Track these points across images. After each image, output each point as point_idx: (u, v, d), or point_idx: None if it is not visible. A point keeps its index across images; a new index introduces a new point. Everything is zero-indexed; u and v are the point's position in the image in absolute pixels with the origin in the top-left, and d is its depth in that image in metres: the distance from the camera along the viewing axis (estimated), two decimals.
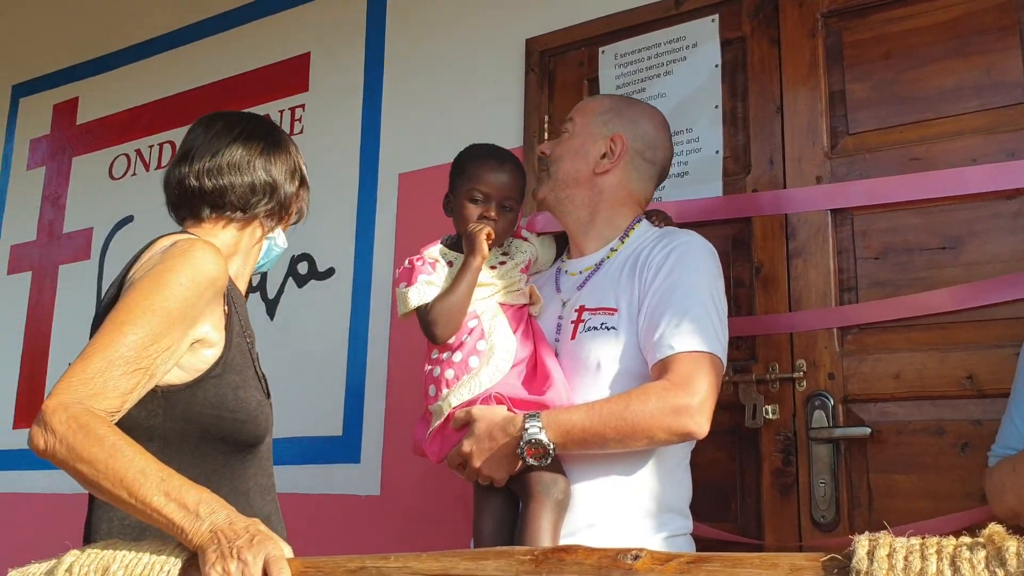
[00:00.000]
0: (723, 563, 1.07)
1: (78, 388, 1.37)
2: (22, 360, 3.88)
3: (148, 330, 1.44)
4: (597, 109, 1.98)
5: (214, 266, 1.55)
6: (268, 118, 1.89)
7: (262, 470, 1.69)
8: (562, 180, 1.96)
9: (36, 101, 4.21)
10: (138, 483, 1.30)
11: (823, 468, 2.15)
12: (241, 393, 1.61)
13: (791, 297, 2.27)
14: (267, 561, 1.24)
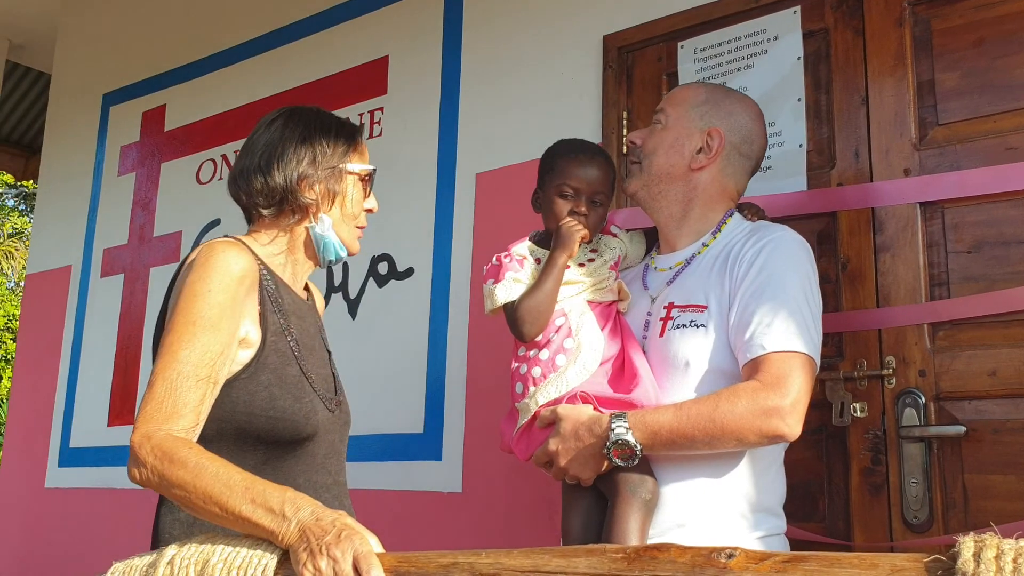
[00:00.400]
0: (820, 562, 1.06)
1: (153, 416, 1.47)
2: (116, 360, 4.01)
3: (196, 343, 1.52)
4: (692, 100, 1.92)
5: (236, 263, 1.60)
6: (298, 107, 1.85)
7: (316, 467, 1.71)
8: (655, 175, 1.92)
9: (126, 109, 4.35)
10: (225, 496, 1.37)
11: (915, 467, 2.10)
12: (275, 391, 1.63)
13: (879, 293, 2.22)
14: (356, 557, 1.26)
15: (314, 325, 1.82)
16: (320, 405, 1.72)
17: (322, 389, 1.74)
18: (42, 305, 4.48)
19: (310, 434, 1.68)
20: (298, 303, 1.78)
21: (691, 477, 1.73)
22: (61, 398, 4.20)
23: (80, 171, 4.47)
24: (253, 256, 1.67)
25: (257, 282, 1.65)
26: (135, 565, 1.41)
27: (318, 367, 1.76)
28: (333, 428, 1.75)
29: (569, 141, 1.98)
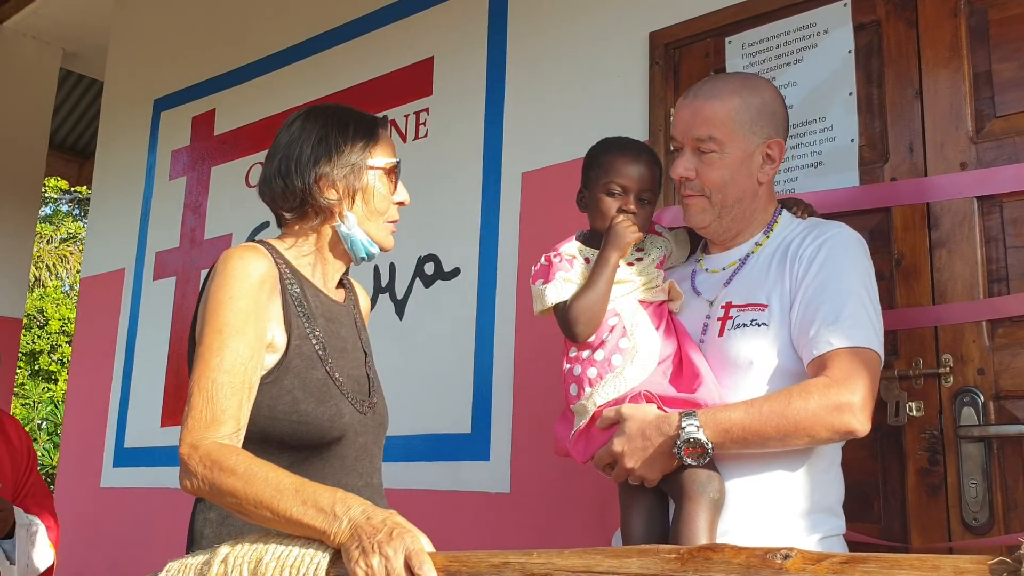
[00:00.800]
0: (879, 564, 1.03)
1: (195, 426, 1.51)
2: (168, 361, 4.07)
3: (225, 351, 1.54)
4: (738, 117, 1.81)
5: (254, 267, 1.61)
6: (317, 105, 1.85)
7: (345, 470, 1.70)
8: (730, 205, 1.84)
9: (176, 114, 4.42)
10: (275, 500, 1.39)
11: (974, 468, 2.05)
12: (298, 395, 1.64)
13: (935, 289, 2.17)
14: (408, 554, 1.26)
15: (348, 326, 1.81)
16: (348, 408, 1.71)
17: (352, 391, 1.73)
18: (97, 308, 4.57)
19: (336, 437, 1.68)
20: (328, 305, 1.78)
21: (752, 475, 1.71)
22: (116, 399, 4.28)
23: (132, 176, 4.55)
24: (273, 259, 1.67)
25: (278, 285, 1.66)
26: (189, 564, 1.43)
27: (349, 369, 1.75)
28: (364, 430, 1.74)
29: (615, 139, 1.95)
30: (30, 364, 15.45)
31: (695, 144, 1.82)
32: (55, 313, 16.14)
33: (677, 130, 1.86)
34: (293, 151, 1.74)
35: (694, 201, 1.85)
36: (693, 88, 1.88)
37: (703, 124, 1.81)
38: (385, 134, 1.81)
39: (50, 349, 15.92)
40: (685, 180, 1.84)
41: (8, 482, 2.91)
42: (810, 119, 2.45)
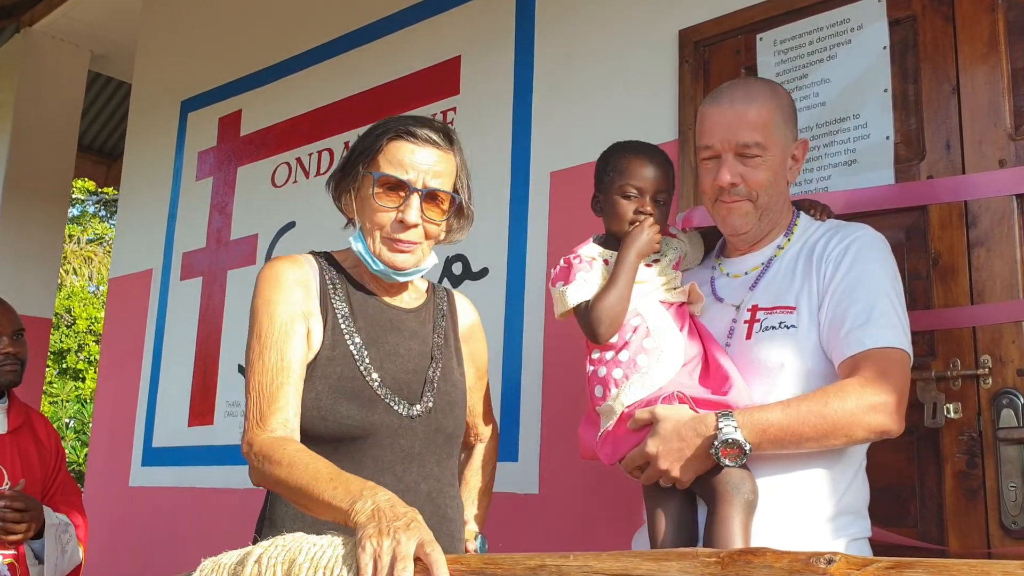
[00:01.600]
0: (927, 569, 1.01)
1: (250, 426, 1.63)
2: (195, 361, 4.09)
3: (264, 355, 1.67)
4: (774, 120, 1.82)
5: (283, 272, 1.73)
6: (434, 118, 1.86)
7: (378, 470, 1.69)
8: (771, 207, 1.85)
9: (203, 115, 4.43)
10: (311, 485, 1.46)
11: (1013, 471, 2.01)
12: (322, 389, 1.69)
13: (973, 289, 2.13)
14: (422, 542, 1.26)
15: (411, 332, 1.82)
16: (383, 408, 1.71)
17: (395, 393, 1.73)
18: (125, 308, 4.60)
19: (359, 435, 1.69)
20: (380, 309, 1.80)
21: (779, 477, 1.69)
22: (144, 398, 4.30)
23: (160, 177, 4.57)
24: (319, 266, 1.78)
25: (315, 288, 1.75)
26: (223, 563, 1.41)
27: (396, 371, 1.75)
28: (406, 433, 1.73)
29: (627, 142, 1.95)
30: (58, 363, 15.60)
31: (739, 150, 1.81)
32: (82, 312, 16.29)
33: (714, 137, 1.83)
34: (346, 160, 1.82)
35: (739, 206, 1.84)
36: (722, 95, 1.86)
37: (748, 130, 1.80)
38: (401, 145, 1.74)
39: (77, 348, 16.06)
40: (730, 187, 1.82)
41: (37, 481, 2.93)
42: (844, 116, 2.41)
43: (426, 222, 1.76)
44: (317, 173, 3.82)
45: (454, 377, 1.85)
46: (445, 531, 1.71)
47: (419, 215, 1.74)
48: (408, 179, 1.73)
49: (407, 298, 1.87)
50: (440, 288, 1.97)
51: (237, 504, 3.69)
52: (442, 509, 1.74)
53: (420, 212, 1.74)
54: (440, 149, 1.77)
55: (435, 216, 1.77)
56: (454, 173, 1.81)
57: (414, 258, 1.77)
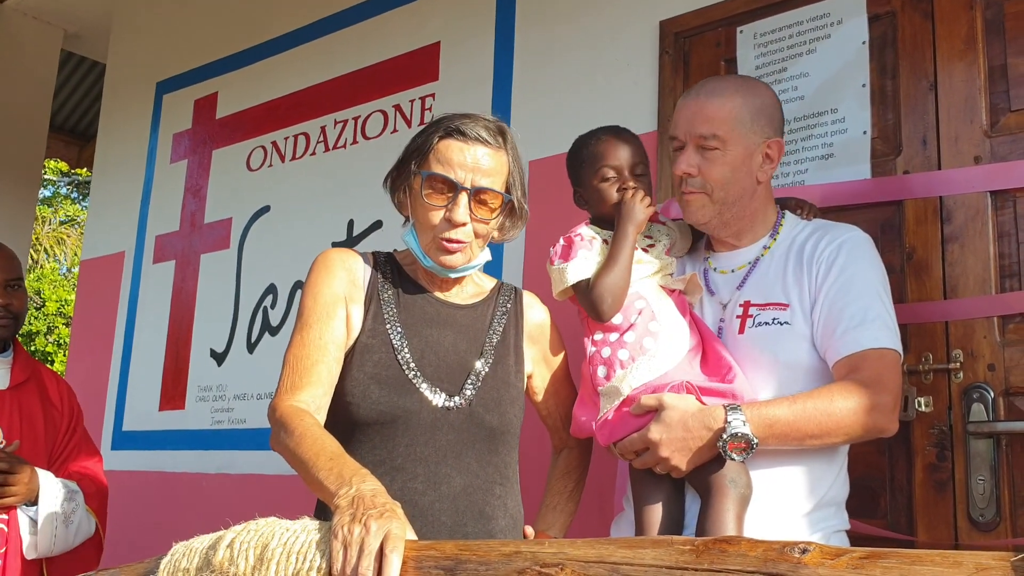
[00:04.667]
0: (900, 559, 1.02)
1: (281, 392, 1.68)
2: (167, 345, 4.05)
3: (304, 333, 1.73)
4: (739, 115, 1.82)
5: (331, 262, 1.80)
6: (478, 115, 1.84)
7: (398, 453, 1.70)
8: (731, 202, 1.85)
9: (178, 97, 4.38)
10: (313, 461, 1.48)
11: (982, 464, 2.04)
12: (356, 374, 1.73)
13: (946, 284, 2.15)
14: (387, 536, 1.26)
15: (461, 326, 1.82)
16: (418, 396, 1.72)
17: (434, 383, 1.74)
18: (96, 290, 4.54)
19: (388, 420, 1.70)
20: (428, 302, 1.83)
21: (770, 470, 1.71)
22: (114, 382, 4.25)
23: (134, 159, 4.52)
24: (370, 260, 1.85)
25: (364, 277, 1.81)
26: (195, 547, 1.41)
27: (437, 362, 1.76)
28: (441, 424, 1.72)
29: (585, 134, 1.96)
30: (27, 345, 15.42)
31: (698, 141, 1.83)
32: (52, 295, 16.10)
33: (679, 128, 1.87)
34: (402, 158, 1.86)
35: (694, 198, 1.86)
36: (694, 88, 1.90)
37: (706, 121, 1.82)
38: (451, 144, 1.75)
39: (47, 330, 15.89)
40: (687, 176, 1.84)
41: (40, 441, 2.62)
42: (822, 110, 2.43)
43: (475, 221, 1.76)
44: (293, 157, 3.80)
45: (508, 375, 1.83)
46: (483, 529, 1.69)
47: (467, 214, 1.75)
48: (456, 178, 1.74)
49: (463, 294, 1.88)
50: (508, 287, 1.95)
51: (208, 488, 3.67)
52: (479, 506, 1.72)
53: (469, 211, 1.75)
54: (491, 148, 1.77)
55: (484, 215, 1.77)
56: (505, 172, 1.80)
57: (464, 256, 1.79)
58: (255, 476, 3.51)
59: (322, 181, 3.66)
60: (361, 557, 1.25)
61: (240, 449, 3.62)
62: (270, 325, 3.68)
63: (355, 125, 3.61)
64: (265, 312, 3.71)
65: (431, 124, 1.82)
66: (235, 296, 3.83)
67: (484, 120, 1.80)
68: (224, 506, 3.50)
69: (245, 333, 3.75)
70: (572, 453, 2.00)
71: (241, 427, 3.66)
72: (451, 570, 1.23)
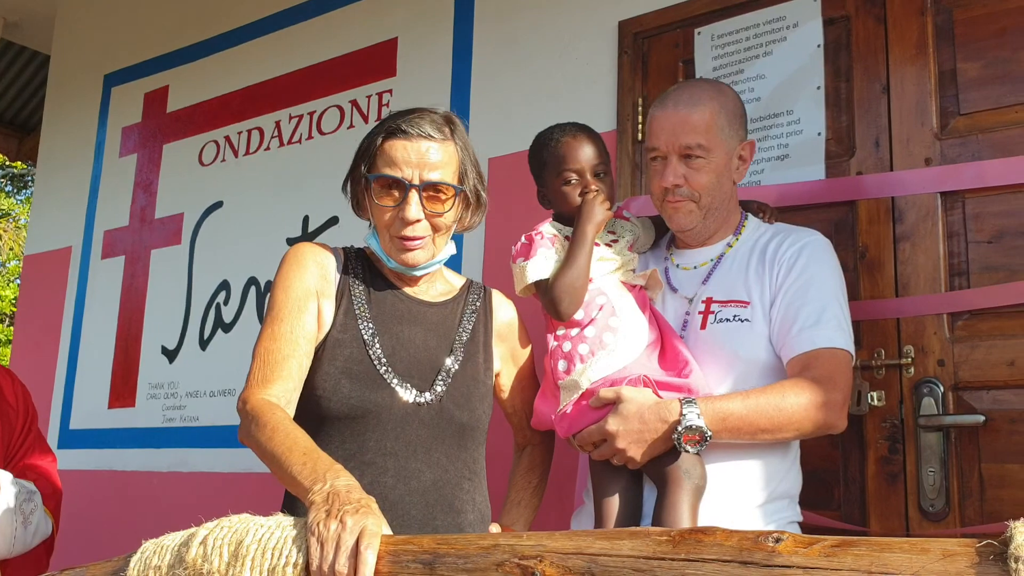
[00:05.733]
0: (870, 547, 1.05)
1: (250, 384, 1.67)
2: (116, 342, 3.98)
3: (274, 327, 1.72)
4: (718, 123, 1.87)
5: (302, 256, 1.80)
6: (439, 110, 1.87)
7: (369, 448, 1.70)
8: (715, 207, 1.91)
9: (128, 90, 4.30)
10: (285, 456, 1.47)
11: (932, 456, 2.10)
12: (327, 367, 1.72)
13: (898, 282, 2.22)
14: (362, 532, 1.27)
15: (431, 323, 1.83)
16: (389, 391, 1.72)
17: (404, 379, 1.74)
18: (41, 286, 4.44)
19: (359, 415, 1.70)
20: (398, 299, 1.83)
21: (726, 464, 1.75)
22: (61, 380, 4.17)
23: (80, 152, 4.42)
24: (341, 255, 1.84)
25: (335, 272, 1.81)
26: (166, 545, 1.39)
27: (408, 359, 1.76)
28: (411, 419, 1.73)
29: (547, 131, 1.98)
30: None
31: (683, 152, 1.86)
32: None
33: (659, 139, 1.89)
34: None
35: (683, 205, 1.90)
36: (668, 98, 1.91)
37: (691, 132, 1.85)
38: (394, 143, 1.75)
39: None
40: (674, 188, 1.87)
41: None
42: (777, 112, 2.48)
43: (430, 216, 1.76)
44: (247, 152, 3.76)
45: (477, 372, 1.84)
46: (452, 523, 1.71)
47: (420, 211, 1.75)
48: (404, 176, 1.74)
49: (433, 292, 1.89)
50: (477, 285, 1.96)
51: (159, 487, 3.62)
52: (448, 500, 1.73)
53: (421, 207, 1.75)
54: (436, 141, 1.77)
55: (438, 209, 1.77)
56: (455, 163, 1.80)
57: (426, 253, 1.79)
58: (208, 474, 3.48)
59: (277, 176, 3.63)
60: (337, 554, 1.25)
61: (193, 447, 3.58)
62: (223, 322, 3.64)
63: (311, 120, 3.58)
64: (218, 309, 3.67)
65: (376, 126, 1.82)
66: (187, 292, 3.78)
67: (430, 114, 1.81)
68: (176, 505, 3.46)
69: (197, 330, 3.71)
70: (536, 450, 2.02)
71: (194, 425, 3.61)
72: (429, 564, 1.24)
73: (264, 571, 1.30)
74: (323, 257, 1.82)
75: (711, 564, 1.10)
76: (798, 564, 1.06)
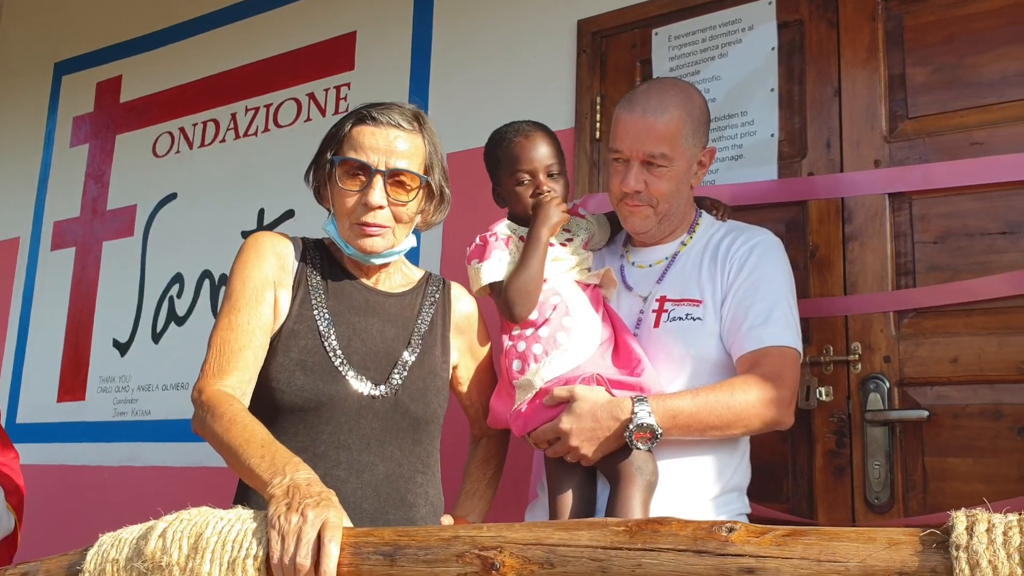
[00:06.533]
0: (819, 536, 1.09)
1: (206, 374, 1.66)
2: (66, 335, 3.92)
3: (231, 316, 1.71)
4: (682, 131, 1.88)
5: (260, 245, 1.79)
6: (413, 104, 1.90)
7: (322, 440, 1.70)
8: (671, 213, 1.94)
9: (79, 79, 4.23)
10: (243, 448, 1.47)
11: (878, 450, 2.16)
12: (281, 358, 1.72)
13: (846, 280, 2.28)
14: (324, 525, 1.28)
15: (388, 315, 1.82)
16: (343, 383, 1.71)
17: (360, 371, 1.74)
18: None
19: (312, 407, 1.69)
20: (355, 289, 1.83)
21: (677, 460, 1.79)
22: (7, 373, 4.09)
23: (29, 142, 4.34)
24: (300, 245, 1.84)
25: (292, 262, 1.80)
26: (124, 538, 1.39)
27: (364, 350, 1.76)
28: (366, 412, 1.73)
29: (502, 130, 1.98)
30: None
31: (646, 159, 1.87)
32: None
33: (624, 143, 1.89)
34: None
35: (639, 210, 1.92)
36: (637, 102, 1.91)
37: (656, 141, 1.87)
38: (363, 129, 1.77)
39: None
40: (634, 193, 1.89)
41: None
42: (732, 113, 2.52)
43: (393, 204, 1.76)
44: (202, 144, 3.72)
45: (434, 365, 1.84)
46: (404, 517, 1.71)
47: (383, 197, 1.74)
48: (370, 161, 1.74)
49: (391, 283, 1.88)
50: (436, 278, 1.96)
51: (110, 482, 3.57)
52: (401, 493, 1.73)
53: (385, 194, 1.75)
54: (405, 131, 1.78)
55: (402, 197, 1.77)
56: (422, 154, 1.81)
57: (385, 242, 1.78)
58: (161, 468, 3.44)
59: (232, 169, 3.60)
60: (299, 546, 1.26)
61: (145, 441, 3.54)
62: (176, 315, 3.60)
63: (267, 113, 3.56)
64: (171, 302, 3.63)
65: (346, 114, 1.83)
66: (140, 285, 3.74)
67: (399, 107, 1.83)
68: (128, 499, 3.42)
69: (150, 323, 3.67)
70: (491, 442, 2.04)
71: (146, 419, 3.57)
72: (390, 556, 1.25)
73: (224, 564, 1.30)
74: (281, 246, 1.81)
75: (667, 553, 1.13)
76: (750, 553, 1.10)
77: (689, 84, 2.01)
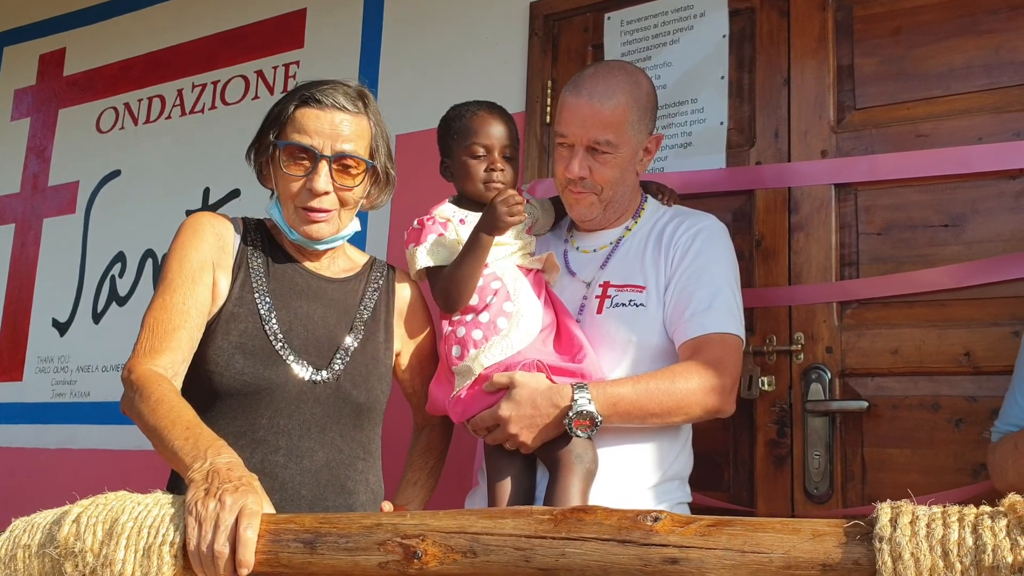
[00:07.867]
0: (744, 527, 1.08)
1: (137, 353, 1.61)
2: (3, 314, 3.82)
3: (166, 296, 1.67)
4: (628, 118, 1.85)
5: (200, 226, 1.75)
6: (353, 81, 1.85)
7: (260, 426, 1.67)
8: (615, 200, 1.91)
9: (21, 50, 4.11)
10: (167, 430, 1.43)
11: (818, 440, 2.17)
12: (220, 341, 1.68)
13: (791, 271, 2.27)
14: (241, 511, 1.24)
15: (332, 300, 1.79)
16: (284, 368, 1.68)
17: (301, 356, 1.70)
18: None
19: (251, 392, 1.66)
20: (297, 273, 1.79)
21: (615, 448, 1.77)
22: None
23: None
24: (240, 226, 1.80)
25: (233, 244, 1.76)
26: (37, 523, 1.34)
27: (306, 335, 1.72)
28: (306, 398, 1.69)
29: (467, 103, 1.95)
30: None
31: (591, 145, 1.84)
32: None
33: (570, 128, 1.86)
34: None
35: (583, 197, 1.89)
36: (583, 86, 1.87)
37: (602, 128, 1.83)
38: (307, 112, 1.72)
39: None
40: (579, 180, 1.87)
41: None
42: (682, 100, 2.51)
43: (338, 189, 1.73)
44: (147, 120, 3.63)
45: (377, 352, 1.81)
46: (343, 504, 1.68)
47: (329, 182, 1.72)
48: (315, 146, 1.71)
49: (335, 268, 1.85)
50: (380, 263, 1.93)
51: (47, 464, 3.49)
52: (341, 480, 1.70)
53: (330, 179, 1.72)
54: (350, 113, 1.74)
55: (347, 182, 1.74)
56: (368, 137, 1.77)
57: (330, 227, 1.75)
58: (100, 451, 3.37)
59: (177, 146, 3.52)
60: (216, 533, 1.22)
61: (84, 423, 3.46)
62: (118, 295, 3.52)
63: (214, 89, 3.48)
64: (113, 281, 3.54)
65: (288, 93, 1.79)
66: (81, 264, 3.65)
67: (344, 86, 1.78)
68: (65, 482, 3.32)
69: (91, 302, 3.58)
70: (434, 431, 2.01)
71: (85, 400, 3.49)
72: (310, 543, 1.22)
73: (139, 550, 1.26)
74: (222, 227, 1.77)
75: (591, 543, 1.11)
76: (674, 543, 1.08)
77: (637, 68, 1.97)
